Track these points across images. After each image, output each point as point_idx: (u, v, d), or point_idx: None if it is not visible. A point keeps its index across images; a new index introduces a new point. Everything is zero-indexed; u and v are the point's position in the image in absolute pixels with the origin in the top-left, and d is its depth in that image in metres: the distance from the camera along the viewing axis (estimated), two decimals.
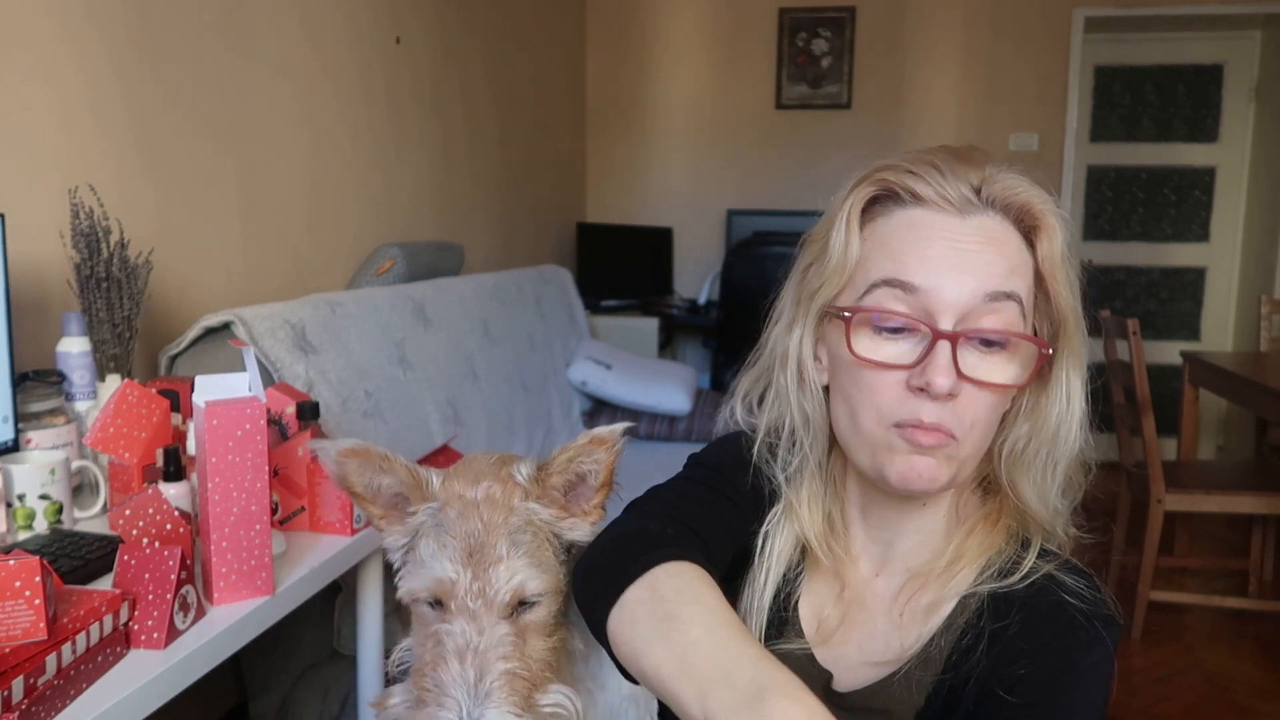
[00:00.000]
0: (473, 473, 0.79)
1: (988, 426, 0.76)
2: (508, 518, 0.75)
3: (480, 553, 0.73)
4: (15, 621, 0.85)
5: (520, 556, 0.74)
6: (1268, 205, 4.52)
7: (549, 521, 0.78)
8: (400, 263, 2.58)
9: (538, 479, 0.78)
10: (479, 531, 0.74)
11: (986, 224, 0.75)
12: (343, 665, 1.86)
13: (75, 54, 1.67)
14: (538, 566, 0.75)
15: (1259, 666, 2.78)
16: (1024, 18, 4.51)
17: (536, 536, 0.76)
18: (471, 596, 0.72)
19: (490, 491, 0.76)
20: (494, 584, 0.73)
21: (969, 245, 0.74)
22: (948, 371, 0.71)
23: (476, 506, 0.75)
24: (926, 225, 0.75)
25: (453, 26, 3.19)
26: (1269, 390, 2.70)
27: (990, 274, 0.73)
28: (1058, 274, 0.76)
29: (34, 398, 1.45)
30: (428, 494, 0.78)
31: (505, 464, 0.80)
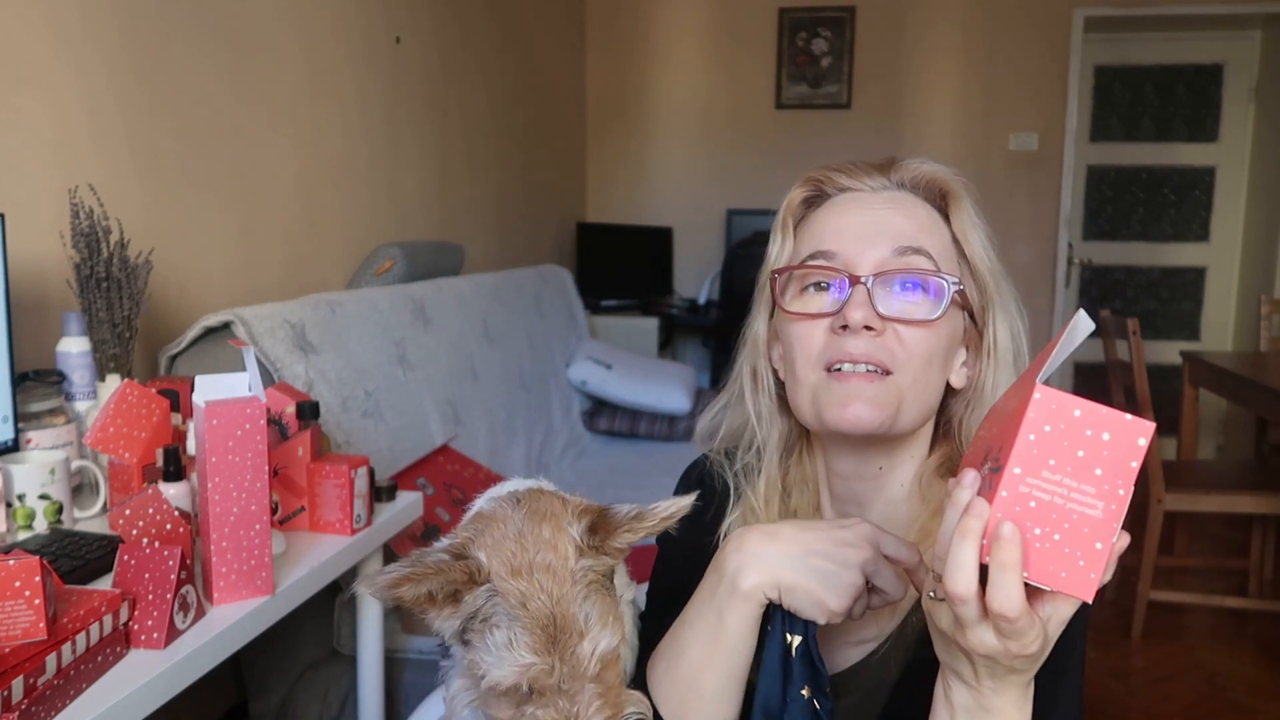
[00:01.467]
0: (514, 539, 0.75)
1: (926, 362, 0.81)
2: (574, 587, 0.73)
3: (562, 636, 0.72)
4: (15, 621, 0.85)
5: (595, 623, 0.72)
6: (1268, 205, 4.52)
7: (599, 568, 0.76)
8: (400, 263, 2.58)
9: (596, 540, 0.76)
10: (551, 616, 0.72)
11: (897, 195, 0.86)
12: (343, 665, 1.86)
13: (75, 54, 1.67)
14: (608, 623, 0.73)
15: (1259, 666, 2.78)
16: (1024, 18, 4.51)
17: (598, 592, 0.74)
18: (564, 680, 0.71)
19: (546, 561, 0.73)
20: (582, 661, 0.72)
21: (879, 211, 0.84)
22: (862, 306, 0.80)
23: (539, 585, 0.72)
24: (843, 204, 0.87)
25: (453, 26, 3.19)
26: (1269, 390, 2.70)
27: (898, 232, 0.83)
28: (971, 237, 0.85)
29: (34, 398, 1.45)
30: (479, 579, 0.74)
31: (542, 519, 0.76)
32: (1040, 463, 0.53)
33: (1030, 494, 0.53)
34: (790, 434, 0.92)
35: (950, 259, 0.84)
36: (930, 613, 0.62)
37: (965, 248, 0.85)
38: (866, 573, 0.73)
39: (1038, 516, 0.53)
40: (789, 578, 0.73)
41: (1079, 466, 0.53)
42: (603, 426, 3.45)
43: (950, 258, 0.84)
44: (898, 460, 0.86)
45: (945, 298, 0.81)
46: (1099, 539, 0.53)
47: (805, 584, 0.72)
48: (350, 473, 1.40)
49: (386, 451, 2.09)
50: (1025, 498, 0.53)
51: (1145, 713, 2.54)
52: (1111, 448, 0.53)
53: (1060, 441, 0.53)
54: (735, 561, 0.75)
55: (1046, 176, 4.57)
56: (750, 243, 4.20)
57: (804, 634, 0.74)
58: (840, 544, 0.73)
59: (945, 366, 0.84)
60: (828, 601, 0.72)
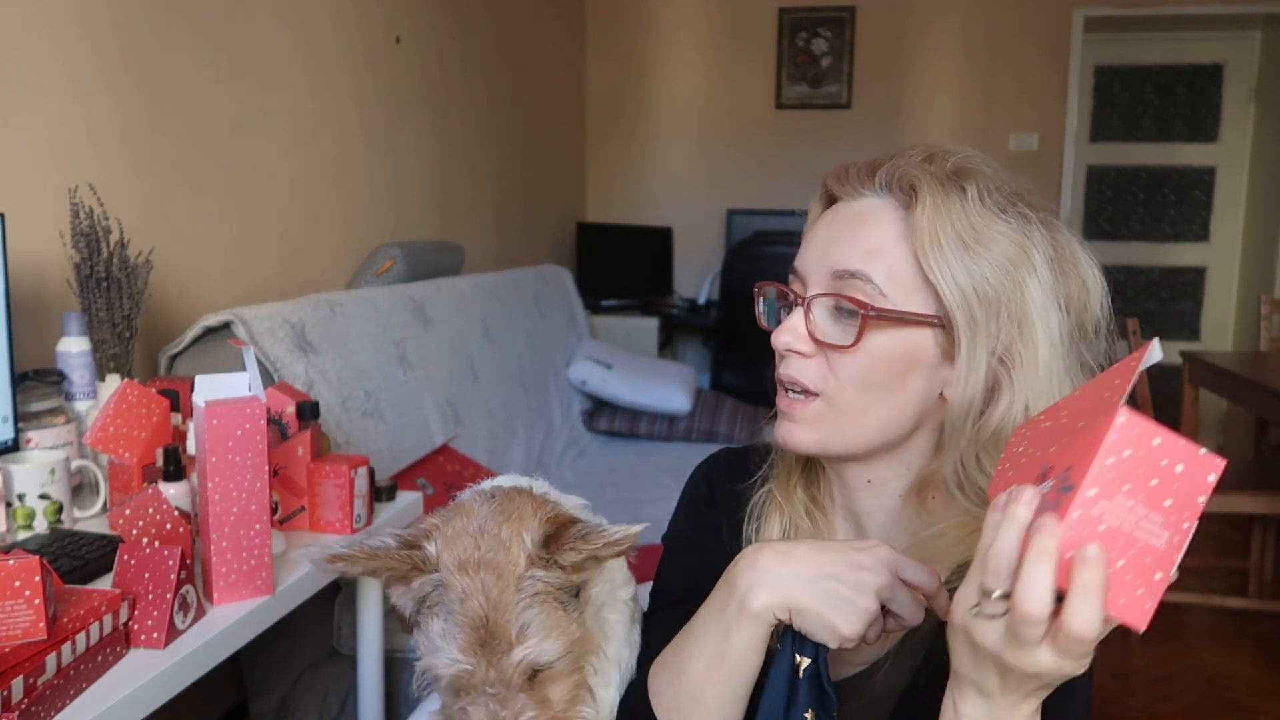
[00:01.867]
0: (471, 536, 0.75)
1: (856, 389, 0.79)
2: (516, 594, 0.73)
3: (491, 641, 0.72)
4: (15, 621, 0.85)
5: (532, 635, 0.72)
6: (1268, 205, 4.52)
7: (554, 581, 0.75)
8: (400, 263, 2.58)
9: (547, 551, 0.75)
10: (485, 618, 0.72)
11: (865, 206, 0.81)
12: (343, 665, 1.86)
13: (75, 54, 1.66)
14: (549, 636, 0.73)
15: (1259, 666, 2.78)
16: (1024, 18, 4.51)
17: (545, 603, 0.74)
18: (489, 684, 0.72)
19: (493, 563, 0.73)
20: (506, 671, 0.72)
21: (837, 228, 0.81)
22: (789, 329, 0.80)
23: (480, 585, 0.73)
24: (825, 216, 0.85)
25: (453, 26, 3.19)
26: (1269, 390, 2.70)
27: (842, 254, 0.80)
28: (925, 245, 0.76)
29: (34, 397, 1.45)
30: (426, 568, 0.75)
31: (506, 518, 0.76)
32: (1115, 487, 0.52)
33: (1101, 518, 0.53)
34: None
35: (908, 277, 0.78)
36: (968, 628, 0.59)
37: (920, 257, 0.77)
38: (882, 598, 0.71)
39: (1105, 540, 0.53)
40: (801, 600, 0.71)
41: (1151, 495, 0.52)
42: (603, 426, 3.44)
43: (908, 275, 0.78)
44: (881, 475, 0.85)
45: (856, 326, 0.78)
46: (1160, 569, 0.53)
47: (818, 608, 0.71)
48: (350, 473, 1.40)
49: (386, 451, 2.08)
50: (1096, 521, 0.53)
51: (1145, 713, 2.54)
52: (1183, 480, 0.52)
53: (1137, 469, 0.52)
54: (747, 580, 0.73)
55: (1046, 177, 4.57)
56: (750, 243, 4.19)
57: (814, 656, 0.72)
58: (856, 567, 0.71)
59: (898, 386, 0.79)
60: (840, 627, 0.70)
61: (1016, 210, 0.79)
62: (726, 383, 4.16)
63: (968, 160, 0.81)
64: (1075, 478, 0.53)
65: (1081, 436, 0.55)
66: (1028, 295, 0.76)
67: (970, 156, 0.82)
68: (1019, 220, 0.78)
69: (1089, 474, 0.52)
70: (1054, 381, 0.77)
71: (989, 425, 0.77)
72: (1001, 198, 0.79)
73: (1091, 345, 0.82)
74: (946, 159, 0.81)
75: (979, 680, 0.61)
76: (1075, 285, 0.80)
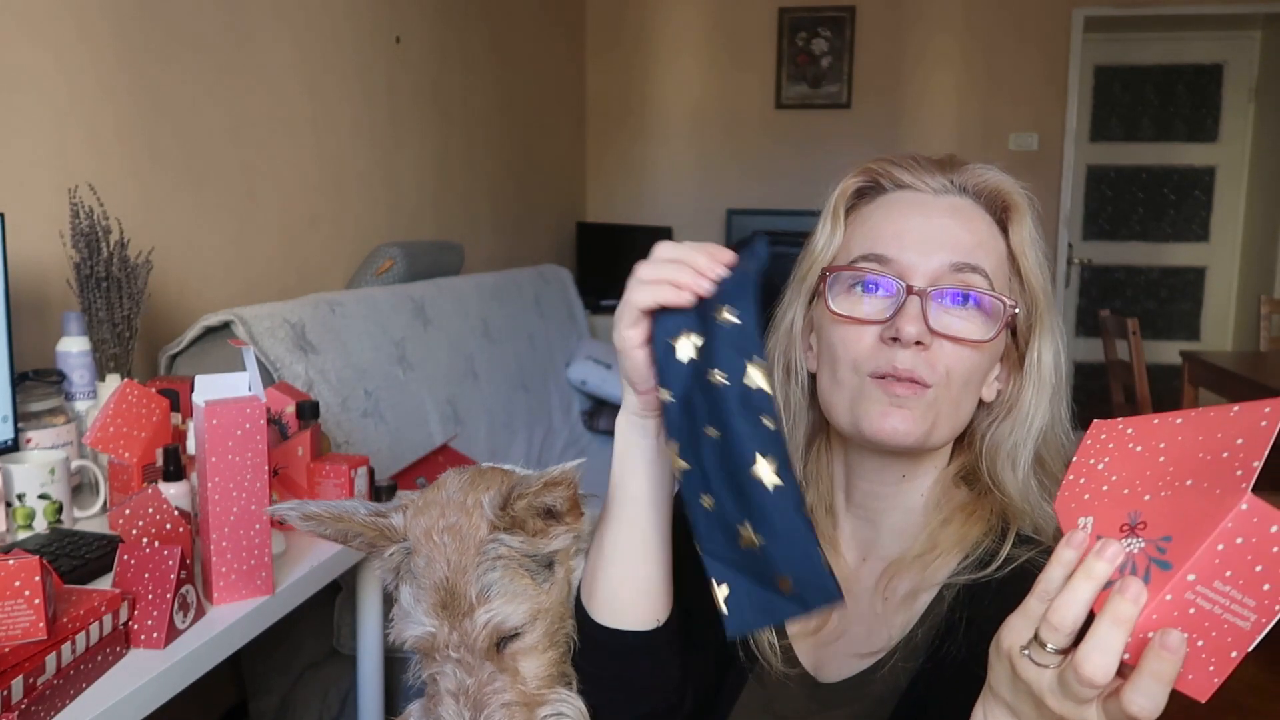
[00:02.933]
0: (439, 505, 0.76)
1: (964, 383, 0.80)
2: (476, 557, 0.74)
3: (452, 603, 0.73)
4: (15, 621, 0.85)
5: (494, 598, 0.73)
6: (1268, 205, 4.52)
7: (519, 548, 0.76)
8: (400, 263, 2.58)
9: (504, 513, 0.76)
10: (446, 579, 0.73)
11: (958, 203, 0.82)
12: (343, 665, 1.86)
13: (75, 53, 1.66)
14: (513, 600, 0.74)
15: (1259, 666, 2.78)
16: (1024, 17, 4.51)
17: (509, 568, 0.75)
18: (452, 647, 0.73)
19: (457, 528, 0.75)
20: (470, 633, 0.73)
21: (939, 219, 0.81)
22: (916, 320, 0.77)
23: (443, 549, 0.74)
24: (903, 203, 0.83)
25: (453, 26, 3.19)
26: (1269, 390, 2.70)
27: (957, 246, 0.79)
28: (1028, 254, 0.83)
29: (34, 397, 1.45)
30: (394, 537, 0.77)
31: (473, 488, 0.78)
32: (1218, 573, 0.49)
33: (1194, 601, 0.50)
34: (813, 428, 0.91)
35: (1004, 276, 0.82)
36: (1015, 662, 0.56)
37: (1021, 265, 0.82)
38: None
39: (1190, 622, 0.50)
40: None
41: (1251, 580, 0.49)
42: (602, 426, 3.44)
43: (1004, 275, 0.82)
44: (921, 470, 0.85)
45: (999, 320, 0.79)
46: (1237, 649, 0.50)
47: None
48: (350, 472, 1.40)
49: (386, 451, 2.09)
50: (1188, 604, 0.50)
51: None
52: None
53: (1245, 555, 0.48)
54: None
55: (1046, 176, 4.57)
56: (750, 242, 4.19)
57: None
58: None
59: (983, 382, 0.83)
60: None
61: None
62: None
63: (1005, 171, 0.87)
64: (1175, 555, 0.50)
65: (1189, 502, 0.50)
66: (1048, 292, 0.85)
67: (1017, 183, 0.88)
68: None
69: (1194, 559, 0.49)
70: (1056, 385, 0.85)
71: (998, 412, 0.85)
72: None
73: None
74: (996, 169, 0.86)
75: (1014, 705, 0.59)
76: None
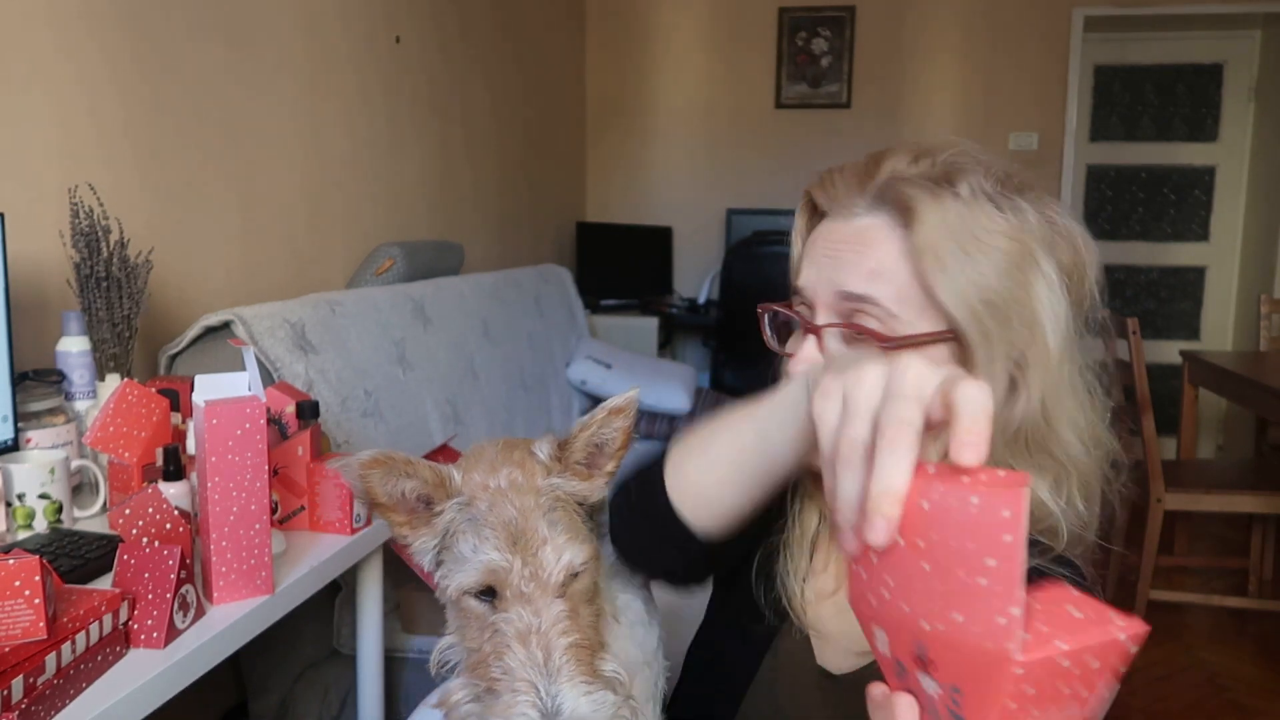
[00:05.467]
0: (487, 461, 0.79)
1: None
2: (538, 499, 0.76)
3: (524, 538, 0.74)
4: (15, 621, 0.85)
5: (561, 533, 0.75)
6: (1267, 205, 4.52)
7: (573, 492, 0.79)
8: (400, 262, 2.58)
9: (559, 456, 0.79)
10: (515, 518, 0.75)
11: (866, 226, 0.79)
12: (343, 665, 1.86)
13: (75, 53, 1.66)
14: (577, 538, 0.76)
15: (1259, 666, 2.78)
16: (1024, 17, 4.51)
17: (567, 510, 0.77)
18: (525, 581, 0.73)
19: (513, 477, 0.77)
20: (545, 566, 0.74)
21: (838, 249, 0.80)
22: (804, 359, 0.79)
23: (504, 494, 0.76)
24: (820, 235, 0.82)
25: (452, 26, 3.19)
26: (1269, 389, 2.70)
27: (847, 276, 0.78)
28: (926, 263, 0.74)
29: (34, 397, 1.45)
30: (451, 490, 0.78)
31: (514, 448, 0.81)
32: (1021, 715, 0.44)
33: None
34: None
35: (915, 295, 0.76)
36: None
37: (922, 279, 0.75)
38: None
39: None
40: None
41: (1061, 701, 0.45)
42: None
43: (915, 294, 0.76)
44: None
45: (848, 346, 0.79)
46: None
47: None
48: None
49: None
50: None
51: (1145, 712, 2.54)
52: (1103, 661, 0.45)
53: (1044, 689, 0.44)
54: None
55: (1046, 176, 4.56)
56: (750, 242, 4.20)
57: None
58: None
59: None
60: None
61: (1009, 200, 0.77)
62: (727, 382, 4.16)
63: (959, 156, 0.80)
64: (970, 712, 0.45)
65: (967, 646, 0.44)
66: (1034, 294, 0.75)
67: (960, 151, 0.80)
68: (1012, 210, 0.76)
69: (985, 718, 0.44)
70: (1064, 370, 0.77)
71: (1009, 427, 0.77)
72: (994, 189, 0.77)
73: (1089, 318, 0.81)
74: (936, 157, 0.79)
75: None
76: (1069, 258, 0.79)
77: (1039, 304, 0.75)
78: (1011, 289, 0.75)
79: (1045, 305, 0.75)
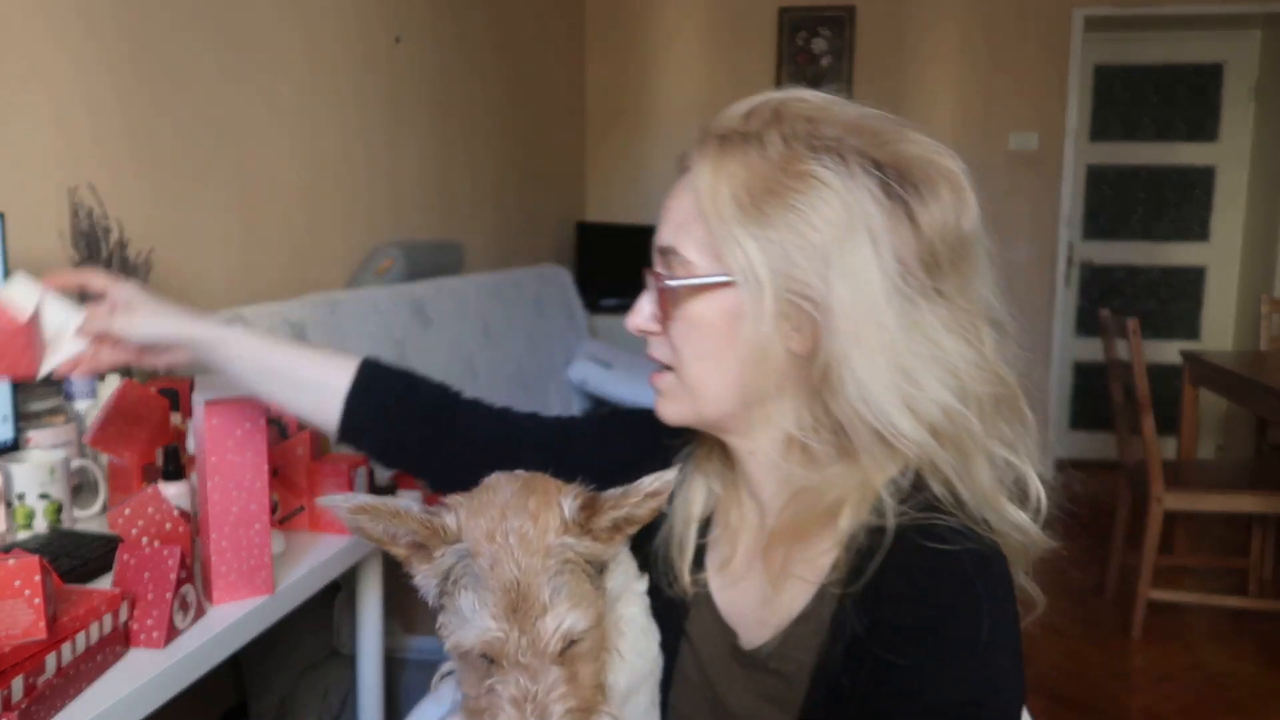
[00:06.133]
0: (498, 507, 0.75)
1: (697, 358, 0.80)
2: (545, 560, 0.72)
3: (524, 605, 0.71)
4: (15, 621, 0.85)
5: (564, 600, 0.72)
6: (1268, 205, 4.52)
7: (586, 553, 0.75)
8: (400, 262, 2.58)
9: (584, 519, 0.75)
10: (516, 582, 0.71)
11: (682, 181, 0.83)
12: (343, 665, 1.86)
13: (75, 53, 1.66)
14: (580, 605, 0.73)
15: (1258, 666, 2.78)
16: (1024, 17, 4.51)
17: (575, 573, 0.74)
18: (521, 651, 0.71)
19: (522, 530, 0.73)
20: (543, 636, 0.71)
21: (666, 205, 0.84)
22: (636, 310, 0.84)
23: (510, 550, 0.72)
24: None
25: (452, 26, 3.19)
26: (1269, 389, 2.70)
27: (661, 231, 0.83)
28: (707, 216, 0.78)
29: (34, 397, 1.45)
30: (449, 537, 0.75)
31: (531, 493, 0.76)
32: None
33: None
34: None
35: (708, 246, 0.78)
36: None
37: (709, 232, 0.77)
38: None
39: None
40: None
41: None
42: None
43: (708, 244, 0.78)
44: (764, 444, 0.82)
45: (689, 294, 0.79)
46: None
47: None
48: (350, 472, 1.40)
49: None
50: None
51: (1145, 712, 2.54)
52: None
53: None
54: None
55: (1046, 176, 4.57)
56: None
57: None
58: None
59: (729, 350, 0.78)
60: None
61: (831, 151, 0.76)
62: None
63: (786, 104, 0.82)
64: None
65: None
66: (832, 249, 0.73)
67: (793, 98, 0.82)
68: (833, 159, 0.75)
69: None
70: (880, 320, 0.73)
71: (816, 373, 0.75)
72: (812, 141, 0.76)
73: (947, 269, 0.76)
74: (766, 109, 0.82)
75: None
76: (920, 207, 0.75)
77: (836, 260, 0.73)
78: (797, 242, 0.74)
79: (845, 261, 0.73)
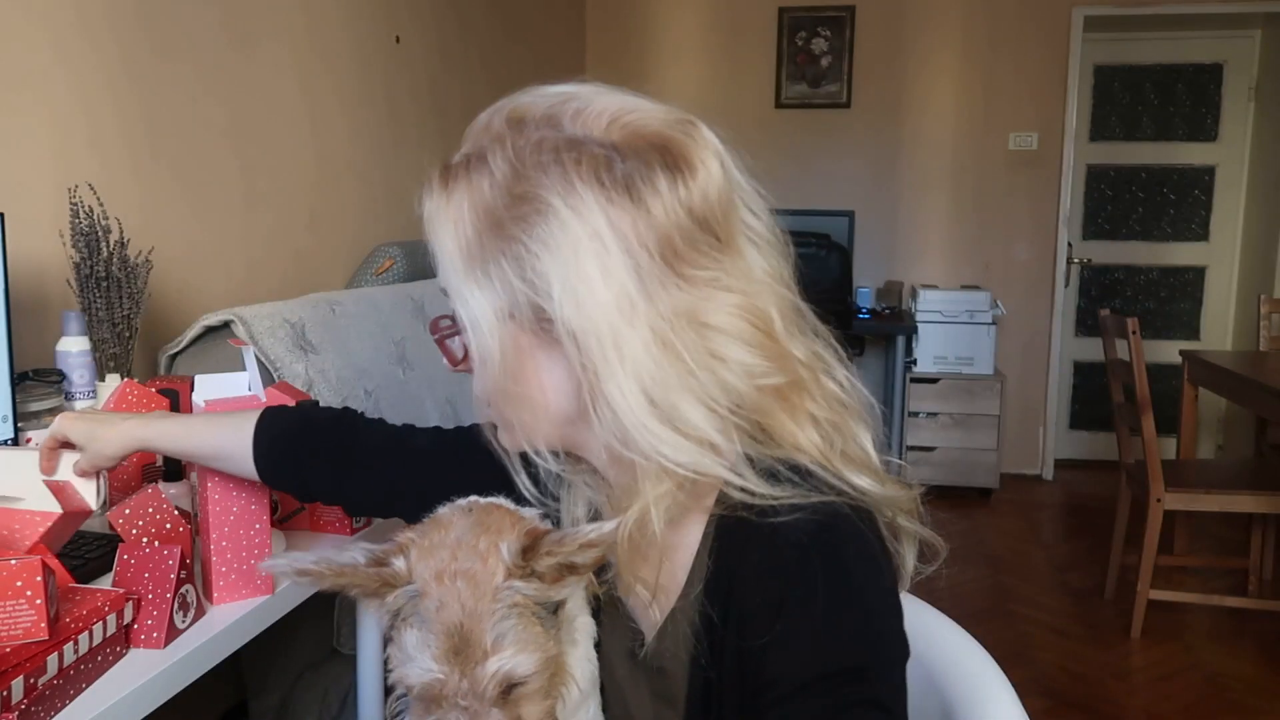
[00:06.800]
0: (449, 548, 0.74)
1: (497, 394, 0.79)
2: (491, 604, 0.72)
3: (466, 649, 0.71)
4: (16, 621, 0.85)
5: (507, 646, 0.71)
6: (1267, 205, 4.52)
7: (534, 595, 0.74)
8: (400, 262, 2.58)
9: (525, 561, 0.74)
10: (460, 625, 0.71)
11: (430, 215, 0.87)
12: (343, 665, 1.86)
13: (74, 53, 1.66)
14: (525, 649, 0.72)
15: (1258, 665, 2.78)
16: (1024, 17, 4.51)
17: (523, 616, 0.73)
18: (460, 695, 0.71)
19: (471, 572, 0.72)
20: (481, 682, 0.70)
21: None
22: (447, 352, 0.84)
23: (457, 594, 0.72)
24: None
25: (452, 26, 3.19)
26: (1268, 389, 2.70)
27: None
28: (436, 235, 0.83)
29: (33, 397, 1.45)
30: (398, 581, 0.74)
31: (484, 530, 0.75)
32: None
33: None
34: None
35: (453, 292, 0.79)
36: None
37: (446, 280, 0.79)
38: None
39: None
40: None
41: None
42: None
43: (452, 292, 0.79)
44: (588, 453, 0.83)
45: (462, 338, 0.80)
46: None
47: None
48: None
49: None
50: None
51: (1145, 712, 2.54)
52: None
53: None
54: None
55: (1046, 176, 4.57)
56: None
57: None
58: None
59: (521, 379, 0.77)
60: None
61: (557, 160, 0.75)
62: None
63: (520, 109, 0.81)
64: None
65: None
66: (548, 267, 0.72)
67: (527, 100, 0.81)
68: (557, 169, 0.74)
69: None
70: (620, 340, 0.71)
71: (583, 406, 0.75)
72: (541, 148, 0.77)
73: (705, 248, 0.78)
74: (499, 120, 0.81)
75: None
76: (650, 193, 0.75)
77: (560, 283, 0.72)
78: (522, 276, 0.74)
79: (570, 285, 0.72)
